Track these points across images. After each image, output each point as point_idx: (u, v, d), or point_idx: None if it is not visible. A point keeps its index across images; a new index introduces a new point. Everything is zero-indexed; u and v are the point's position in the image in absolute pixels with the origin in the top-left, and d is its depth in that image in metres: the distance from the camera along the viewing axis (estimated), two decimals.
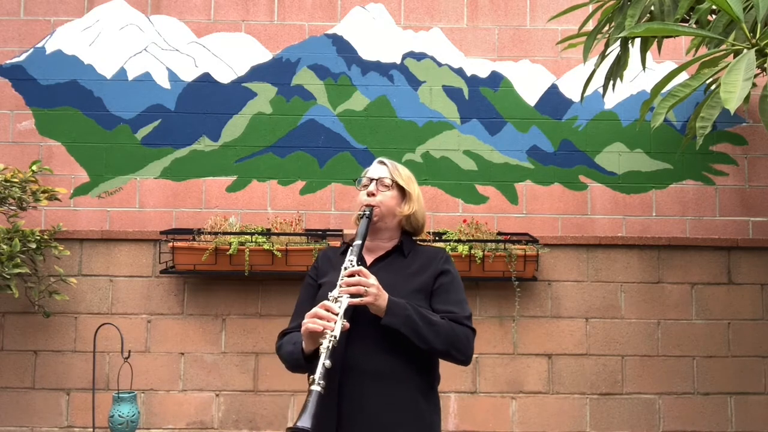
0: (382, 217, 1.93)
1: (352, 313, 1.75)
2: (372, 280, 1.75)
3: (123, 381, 3.25)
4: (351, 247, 1.86)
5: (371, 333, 1.76)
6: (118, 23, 3.64)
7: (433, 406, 1.87)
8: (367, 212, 1.91)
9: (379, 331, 1.74)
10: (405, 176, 1.98)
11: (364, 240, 1.87)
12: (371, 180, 1.97)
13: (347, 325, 1.70)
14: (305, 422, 1.52)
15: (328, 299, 1.74)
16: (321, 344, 1.66)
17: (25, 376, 3.47)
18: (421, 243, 2.04)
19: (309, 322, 1.70)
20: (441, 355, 1.83)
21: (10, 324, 3.48)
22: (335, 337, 1.65)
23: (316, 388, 1.60)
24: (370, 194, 1.94)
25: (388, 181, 1.95)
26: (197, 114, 3.60)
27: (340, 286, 1.74)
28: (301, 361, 1.78)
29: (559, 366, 3.52)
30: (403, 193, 1.97)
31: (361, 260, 1.92)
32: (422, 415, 1.81)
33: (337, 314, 1.69)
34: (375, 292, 1.73)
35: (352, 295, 1.72)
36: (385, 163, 2.00)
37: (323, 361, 1.63)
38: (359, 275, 1.75)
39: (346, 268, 1.78)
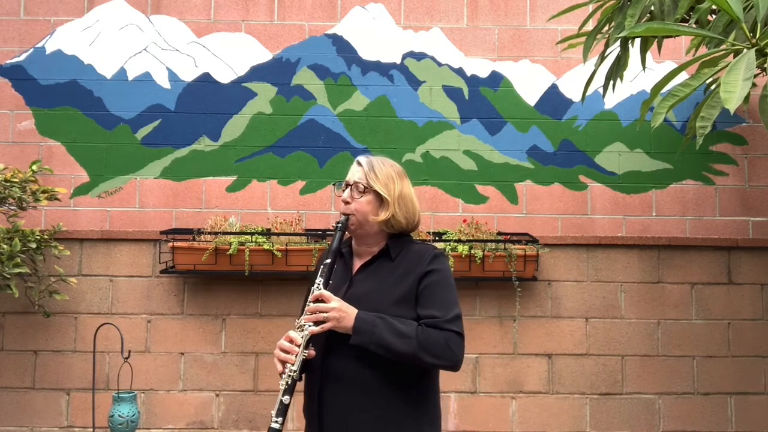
0: (358, 225, 1.83)
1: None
2: (333, 303, 1.71)
3: (123, 381, 3.25)
4: (321, 267, 1.79)
5: (349, 343, 1.71)
6: (118, 23, 3.64)
7: (425, 418, 1.79)
8: (341, 224, 1.82)
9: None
10: (383, 177, 1.84)
11: (335, 258, 1.79)
12: (348, 185, 1.86)
13: (312, 353, 1.71)
14: None
15: (295, 327, 1.74)
16: (281, 379, 1.69)
17: (25, 376, 3.47)
18: (417, 241, 1.96)
19: (275, 354, 1.74)
20: (420, 365, 1.74)
21: (10, 324, 3.48)
22: (295, 371, 1.67)
23: (274, 425, 1.64)
24: (345, 202, 1.84)
25: (361, 187, 1.83)
26: (197, 114, 3.60)
27: (306, 313, 1.73)
28: None
29: (559, 366, 3.52)
30: (380, 197, 1.83)
31: (347, 268, 1.89)
32: (409, 426, 1.75)
33: (300, 345, 1.69)
34: (335, 316, 1.70)
35: (315, 323, 1.72)
36: (361, 164, 1.87)
37: (281, 398, 1.66)
38: (320, 300, 1.73)
39: (313, 292, 1.76)
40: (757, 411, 3.51)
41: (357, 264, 1.90)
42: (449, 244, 3.32)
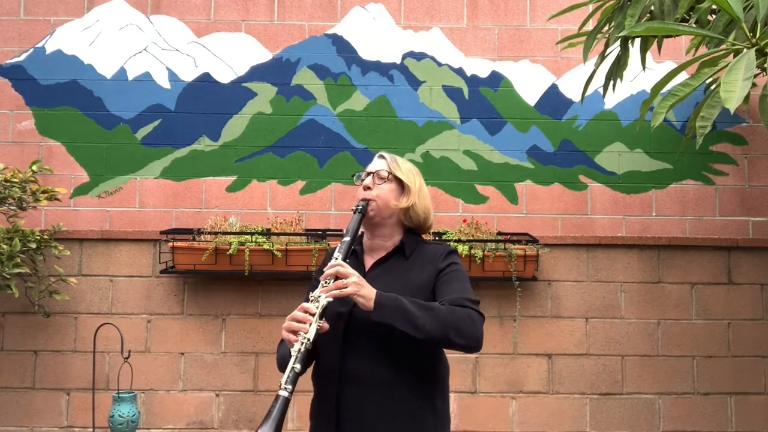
0: (378, 212, 1.82)
1: (345, 324, 1.70)
2: (351, 271, 1.67)
3: (123, 381, 3.25)
4: (339, 245, 1.76)
5: (368, 341, 1.69)
6: (118, 23, 3.64)
7: (440, 421, 1.79)
8: (360, 207, 1.81)
9: (376, 338, 1.68)
10: (405, 169, 1.88)
11: (353, 237, 1.77)
12: (369, 174, 1.88)
13: (326, 326, 1.64)
14: (267, 429, 1.46)
15: (309, 300, 1.67)
16: (293, 347, 1.60)
17: (25, 376, 3.47)
18: (428, 241, 1.95)
19: (285, 327, 1.65)
20: (443, 344, 1.72)
21: (10, 324, 3.48)
22: (309, 340, 1.59)
23: (282, 393, 1.53)
24: (366, 188, 1.85)
25: (384, 173, 1.85)
26: (197, 114, 3.60)
27: (322, 286, 1.67)
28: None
29: (559, 366, 3.52)
30: (401, 186, 1.86)
31: (360, 264, 1.85)
32: (428, 427, 1.75)
33: (314, 314, 1.62)
34: (356, 281, 1.63)
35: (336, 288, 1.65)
36: (384, 157, 1.91)
37: (293, 365, 1.57)
38: (338, 268, 1.67)
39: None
40: (757, 411, 3.51)
41: (369, 262, 1.87)
42: (449, 244, 3.31)
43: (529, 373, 3.51)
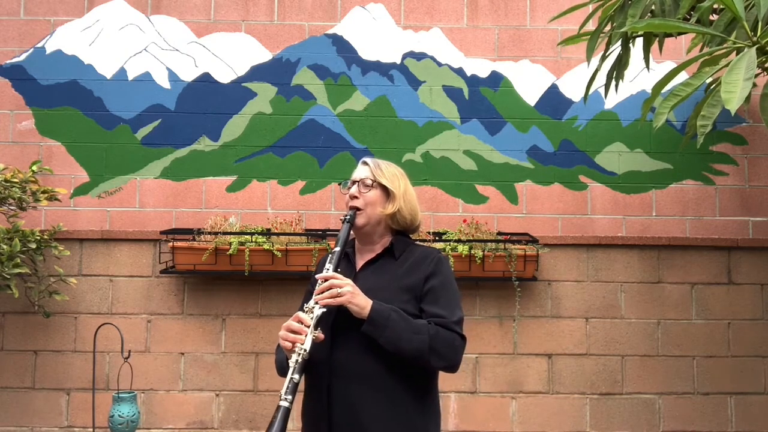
0: (366, 219, 1.88)
1: (334, 317, 1.74)
2: (346, 281, 1.73)
3: (123, 381, 3.24)
4: (330, 255, 1.83)
5: (356, 336, 1.72)
6: (118, 23, 3.64)
7: (429, 414, 1.82)
8: (349, 216, 1.87)
9: (364, 333, 1.71)
10: (388, 174, 1.92)
11: (344, 247, 1.84)
12: (354, 182, 1.93)
13: (321, 336, 1.69)
14: None
15: (304, 310, 1.73)
16: (290, 358, 1.65)
17: (25, 376, 3.46)
18: (419, 243, 1.99)
19: (281, 336, 1.71)
20: (423, 363, 1.76)
21: (10, 324, 3.48)
22: (305, 350, 1.64)
23: (283, 403, 1.59)
24: (353, 197, 1.90)
25: (369, 181, 1.90)
26: (197, 114, 3.60)
27: (315, 296, 1.73)
28: (287, 370, 1.74)
29: (559, 366, 3.52)
30: (387, 192, 1.91)
31: (351, 265, 1.91)
32: (414, 423, 1.76)
33: (309, 326, 1.67)
34: (350, 290, 1.71)
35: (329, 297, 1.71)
36: (367, 163, 1.95)
37: (291, 376, 1.62)
38: (332, 279, 1.73)
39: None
40: (757, 411, 3.51)
41: (360, 263, 1.92)
42: (449, 244, 3.32)
43: (529, 373, 3.51)
